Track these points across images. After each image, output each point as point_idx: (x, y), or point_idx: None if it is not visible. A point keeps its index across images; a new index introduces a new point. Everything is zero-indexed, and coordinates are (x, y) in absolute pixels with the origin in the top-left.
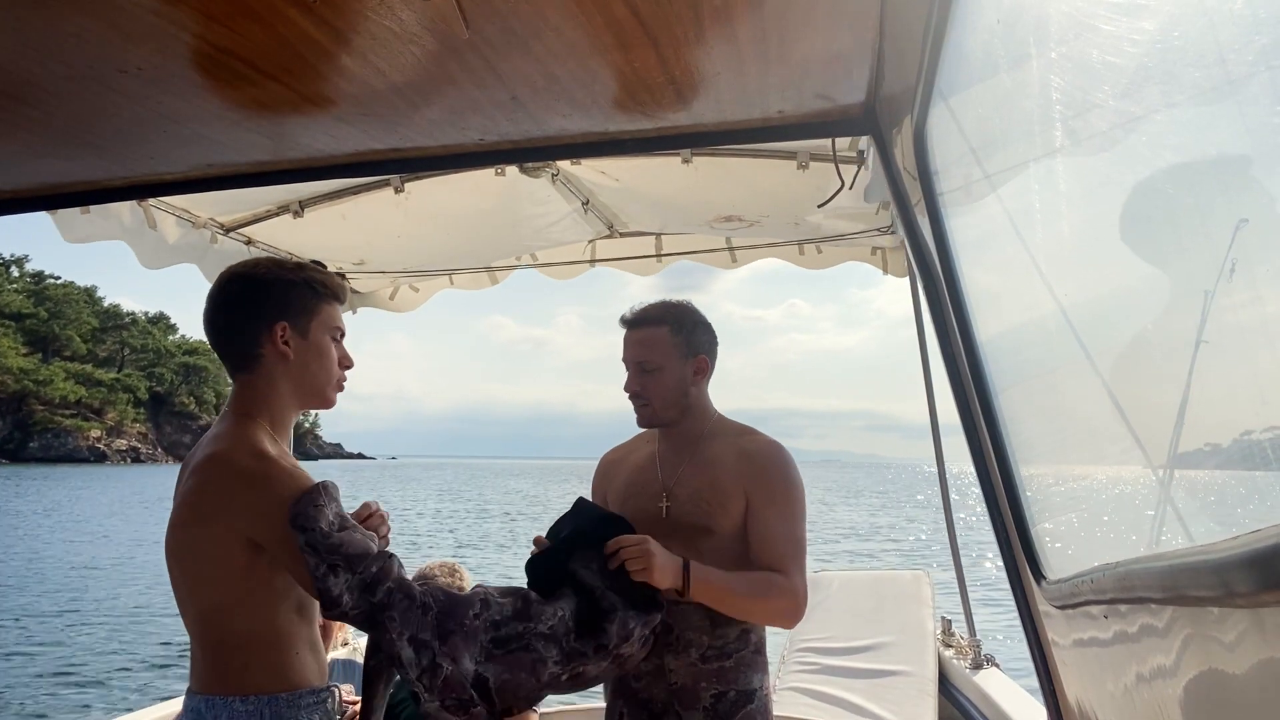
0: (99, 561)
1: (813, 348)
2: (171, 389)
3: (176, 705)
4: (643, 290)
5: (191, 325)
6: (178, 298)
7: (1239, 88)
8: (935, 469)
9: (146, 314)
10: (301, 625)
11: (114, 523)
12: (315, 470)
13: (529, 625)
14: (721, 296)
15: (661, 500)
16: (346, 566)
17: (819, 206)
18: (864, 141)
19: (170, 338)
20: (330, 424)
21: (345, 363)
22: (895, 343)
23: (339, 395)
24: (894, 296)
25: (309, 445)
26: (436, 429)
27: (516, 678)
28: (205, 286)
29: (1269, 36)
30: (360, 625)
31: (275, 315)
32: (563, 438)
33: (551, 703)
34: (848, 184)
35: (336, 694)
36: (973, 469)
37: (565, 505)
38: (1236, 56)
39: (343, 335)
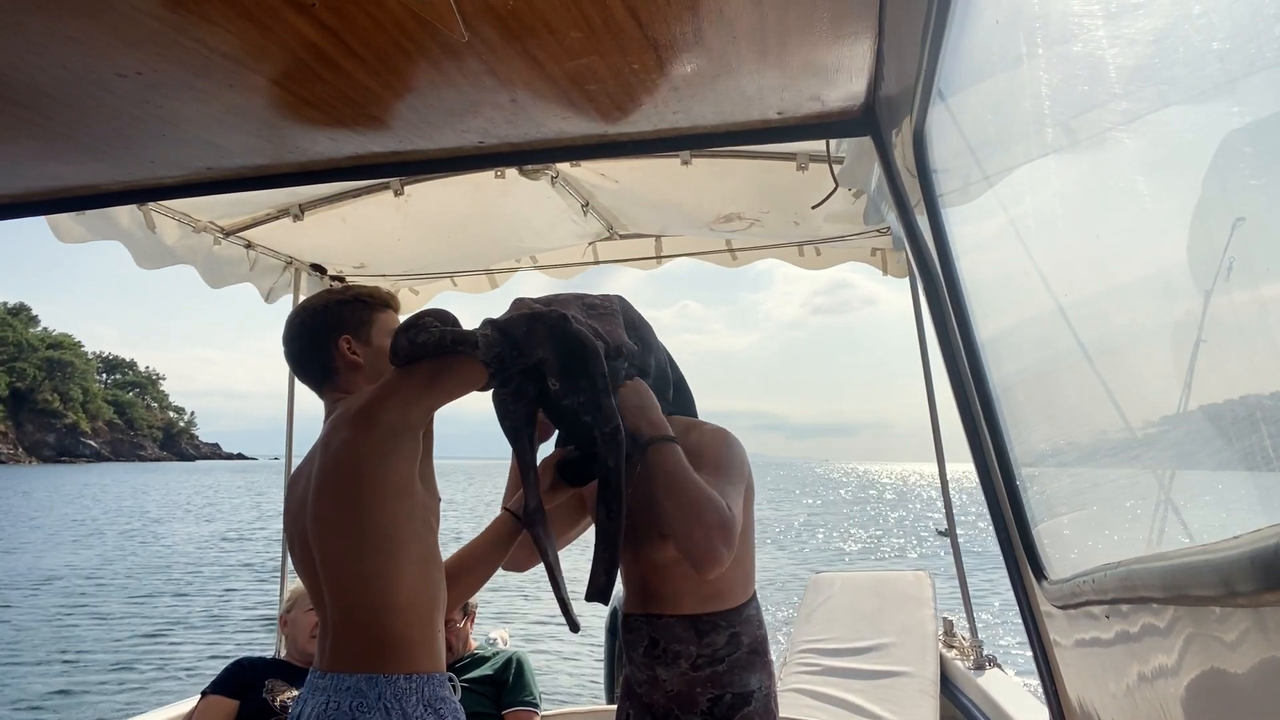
0: None
1: (704, 349)
2: (34, 385)
3: (183, 707)
4: (539, 289)
5: (56, 317)
6: (38, 286)
7: (1236, 87)
8: (820, 468)
9: (5, 305)
10: (438, 608)
11: None
12: (200, 471)
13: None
14: None
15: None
16: (462, 340)
17: (813, 208)
18: (842, 146)
19: (32, 330)
20: (205, 423)
21: None
22: (783, 345)
23: (219, 396)
24: (781, 300)
25: (184, 445)
26: (318, 428)
27: (610, 328)
28: (75, 277)
29: (1267, 35)
30: (515, 355)
31: (337, 331)
32: (450, 436)
33: (552, 703)
34: (842, 185)
35: (456, 682)
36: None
37: (473, 503)
38: (1234, 55)
39: None
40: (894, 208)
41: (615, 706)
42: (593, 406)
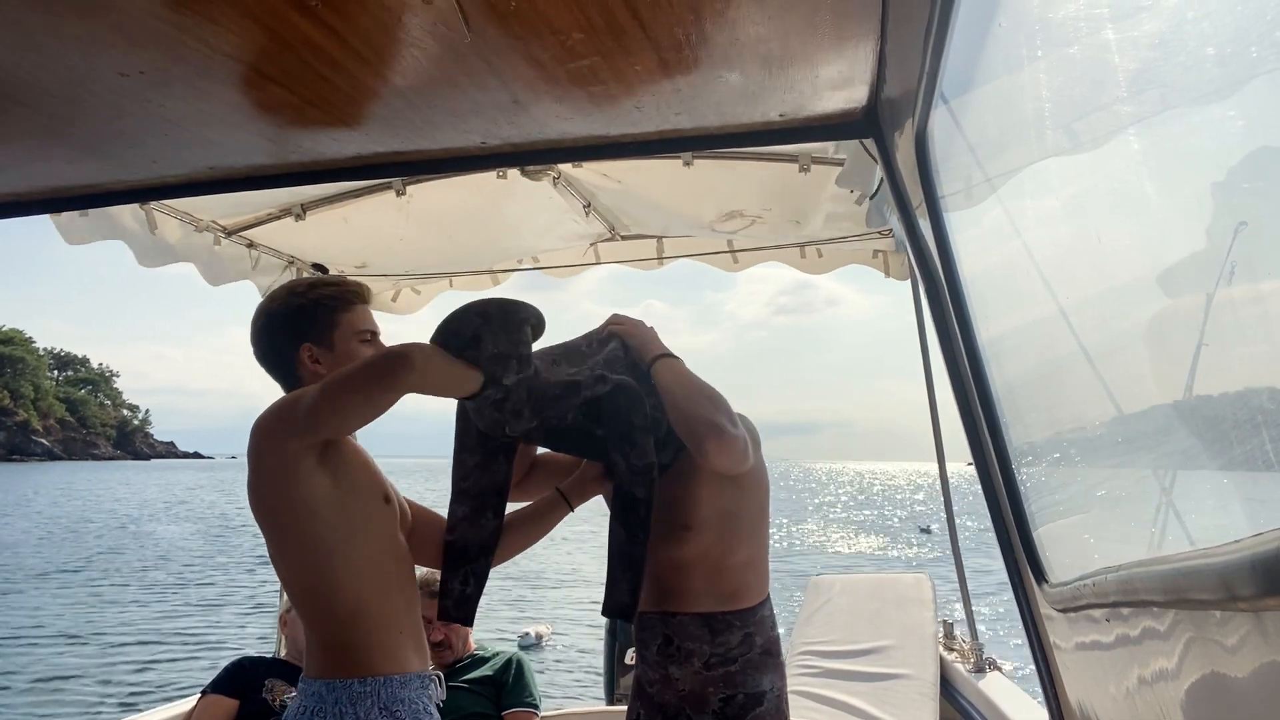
0: None
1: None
2: None
3: (183, 706)
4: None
5: (5, 312)
6: None
7: (1239, 90)
8: (777, 468)
9: None
10: (404, 608)
11: None
12: (158, 469)
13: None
14: (580, 295)
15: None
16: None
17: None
18: (841, 149)
19: None
20: (160, 421)
21: None
22: (746, 344)
23: (174, 393)
24: (745, 300)
25: (139, 444)
26: None
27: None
28: (23, 271)
29: (1270, 39)
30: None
31: (298, 339)
32: (410, 435)
33: (552, 704)
34: (843, 188)
35: (440, 680)
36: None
37: (439, 500)
38: (1237, 59)
39: (374, 334)
40: (896, 210)
41: (615, 707)
42: (627, 441)
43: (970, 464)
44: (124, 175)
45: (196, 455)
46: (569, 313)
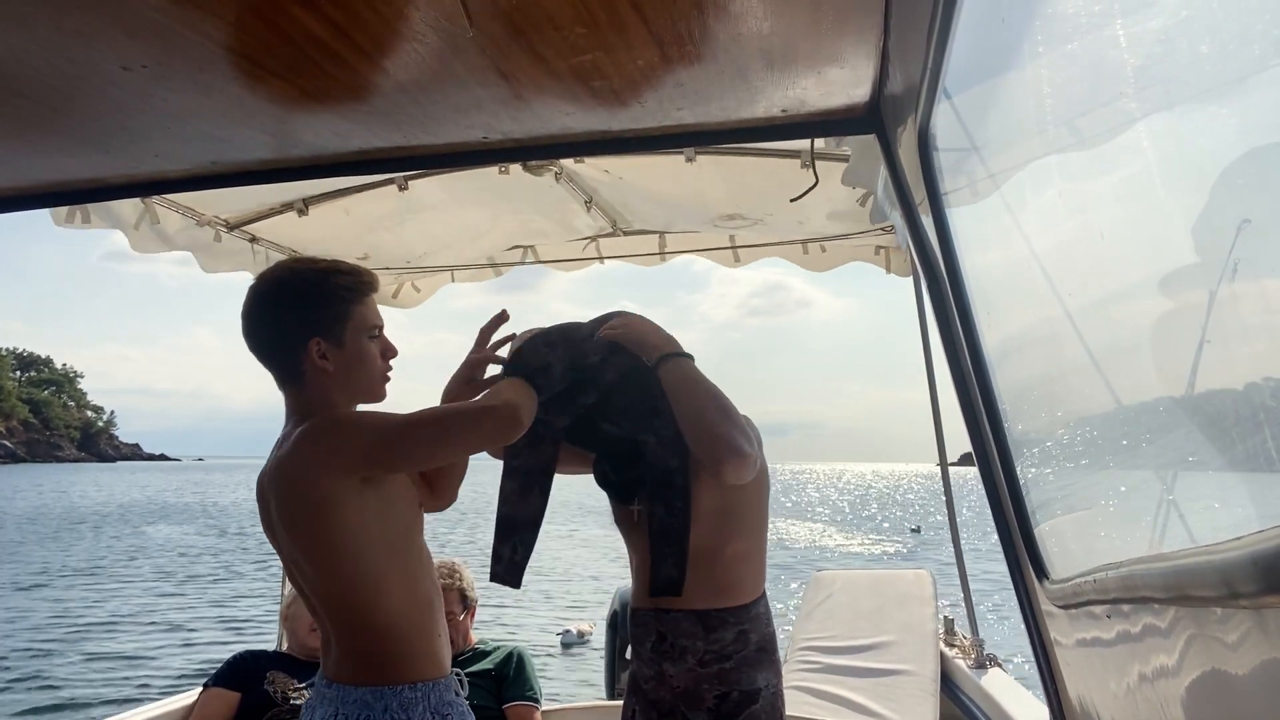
0: None
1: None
2: None
3: (185, 700)
4: (474, 290)
5: None
6: None
7: (1243, 86)
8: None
9: None
10: (435, 610)
11: None
12: (119, 471)
13: None
14: (552, 297)
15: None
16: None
17: (791, 201)
18: (844, 144)
19: None
20: (124, 422)
21: (389, 353)
22: (720, 346)
23: (138, 394)
24: (718, 302)
25: (103, 446)
26: (242, 429)
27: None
28: None
29: (1274, 35)
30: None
31: (307, 332)
32: None
33: (553, 702)
34: (848, 185)
35: (463, 680)
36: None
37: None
38: (1241, 55)
39: (380, 329)
40: (898, 206)
41: (615, 702)
42: (653, 413)
43: (941, 465)
44: (126, 169)
45: (163, 457)
46: (540, 314)
